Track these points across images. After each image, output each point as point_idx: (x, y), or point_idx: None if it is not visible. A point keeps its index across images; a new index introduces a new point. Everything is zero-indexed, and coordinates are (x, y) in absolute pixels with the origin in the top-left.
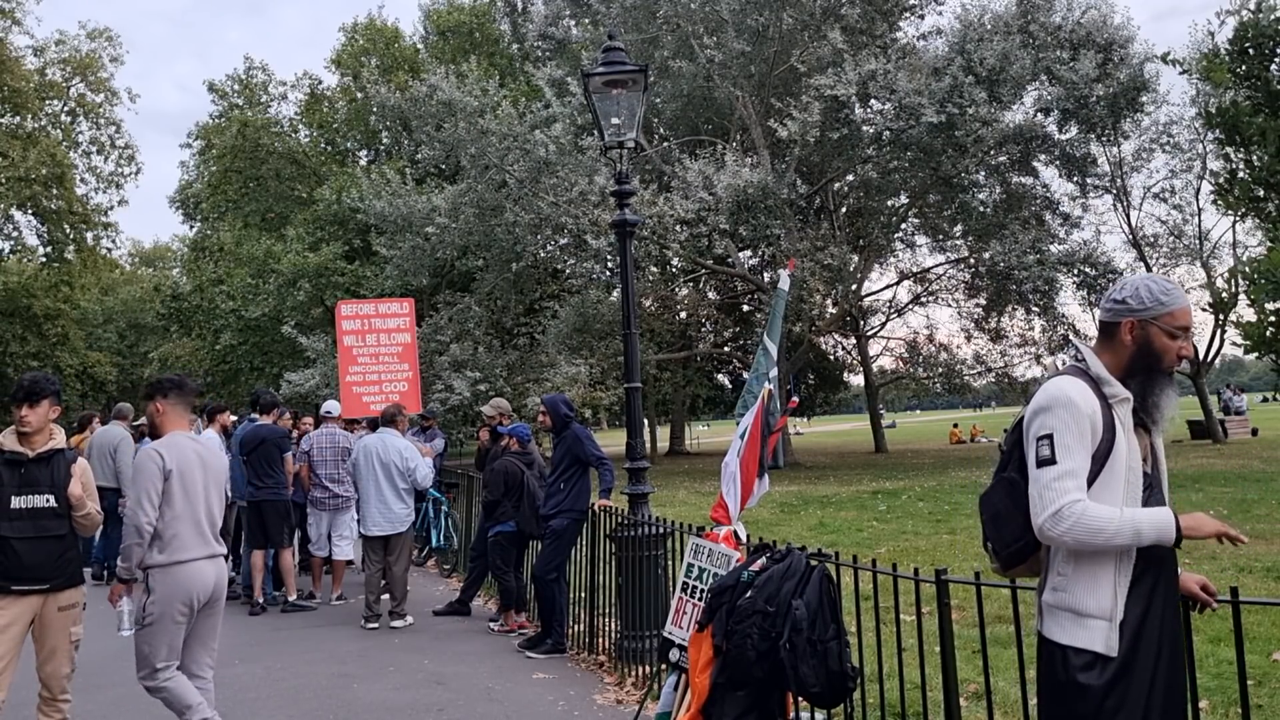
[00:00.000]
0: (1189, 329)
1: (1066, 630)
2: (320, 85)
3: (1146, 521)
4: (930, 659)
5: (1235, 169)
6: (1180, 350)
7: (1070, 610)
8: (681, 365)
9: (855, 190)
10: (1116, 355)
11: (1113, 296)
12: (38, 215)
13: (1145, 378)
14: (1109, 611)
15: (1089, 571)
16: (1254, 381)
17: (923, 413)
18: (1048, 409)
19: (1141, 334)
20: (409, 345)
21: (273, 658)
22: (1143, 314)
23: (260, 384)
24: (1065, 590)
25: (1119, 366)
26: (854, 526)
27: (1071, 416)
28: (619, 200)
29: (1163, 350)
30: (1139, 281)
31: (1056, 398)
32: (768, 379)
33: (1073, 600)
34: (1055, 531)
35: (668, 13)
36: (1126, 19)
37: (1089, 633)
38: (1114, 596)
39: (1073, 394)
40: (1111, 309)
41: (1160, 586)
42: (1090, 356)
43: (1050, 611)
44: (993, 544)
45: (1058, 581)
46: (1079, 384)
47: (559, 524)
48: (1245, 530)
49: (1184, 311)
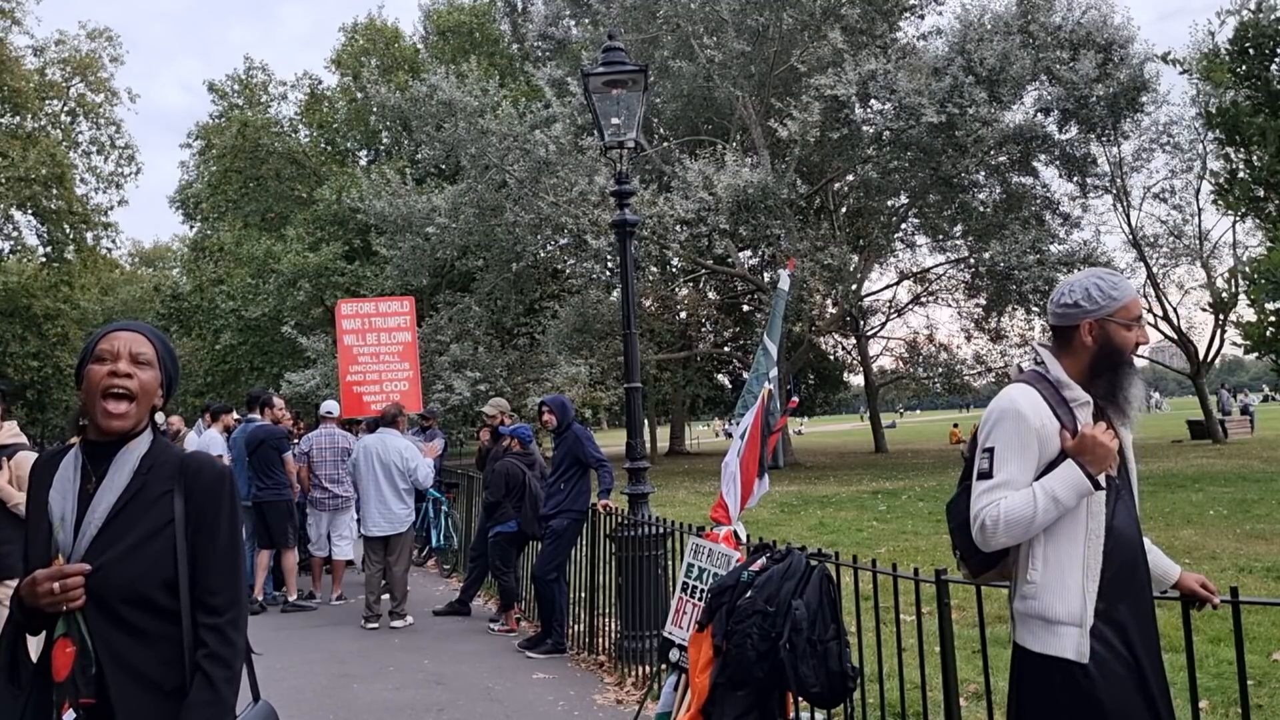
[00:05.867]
0: (1141, 317)
1: (1038, 638)
2: (320, 85)
3: (1058, 483)
4: (930, 659)
5: (1235, 169)
6: (1137, 339)
7: (1040, 617)
8: (681, 365)
9: (855, 190)
10: (1077, 358)
11: (1062, 300)
12: (38, 215)
13: (1113, 373)
14: (1079, 617)
15: (1057, 577)
16: (1254, 381)
17: (922, 413)
18: (995, 421)
19: (1101, 332)
20: (409, 344)
21: (273, 658)
22: (1098, 313)
23: (260, 384)
24: (1034, 597)
25: (1081, 368)
26: (854, 526)
27: (1015, 429)
28: (619, 200)
29: (1123, 344)
30: (1086, 282)
31: (1005, 410)
32: (768, 379)
33: (1042, 607)
34: (990, 541)
35: (668, 13)
36: (1126, 19)
37: (1059, 640)
38: (1083, 602)
39: (1021, 405)
40: (1064, 313)
41: (1132, 589)
42: (1050, 360)
43: (1022, 619)
44: (961, 551)
45: (1026, 589)
46: (1030, 393)
47: (559, 524)
48: (1245, 530)
49: (1135, 302)
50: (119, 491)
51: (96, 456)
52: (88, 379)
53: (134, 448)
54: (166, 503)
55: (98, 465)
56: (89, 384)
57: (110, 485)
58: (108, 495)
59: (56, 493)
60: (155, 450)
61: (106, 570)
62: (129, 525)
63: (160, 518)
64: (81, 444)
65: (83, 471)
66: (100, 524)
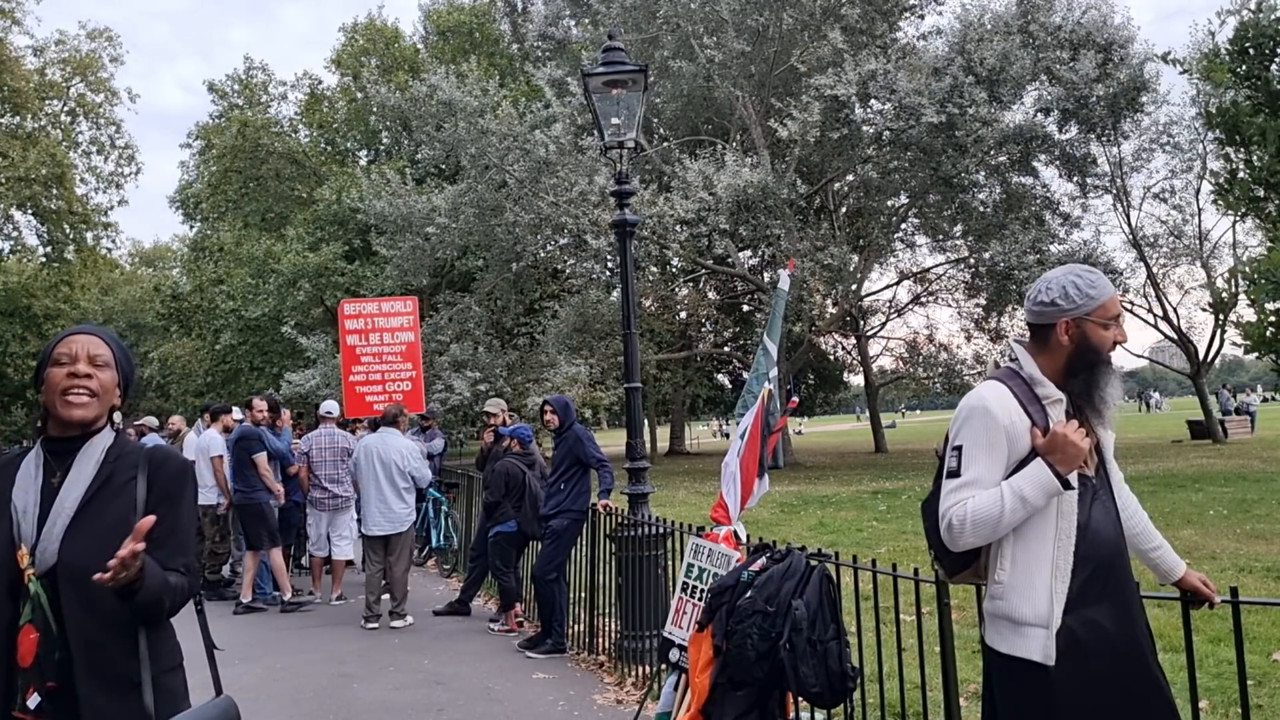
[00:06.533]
0: (1120, 316)
1: (1006, 639)
2: (320, 85)
3: (1026, 482)
4: (930, 659)
5: (1235, 169)
6: (1115, 337)
7: (1007, 618)
8: (681, 365)
9: (855, 190)
10: (1053, 356)
11: (1039, 298)
12: (38, 215)
13: (1089, 373)
14: (1045, 619)
15: (1024, 578)
16: (1253, 381)
17: (922, 413)
18: (964, 419)
19: (1078, 331)
20: (412, 344)
21: (273, 658)
22: (1075, 312)
23: (260, 384)
24: (1002, 598)
25: (1057, 367)
26: (854, 526)
27: (984, 427)
28: (619, 200)
29: (1100, 343)
30: (1064, 279)
31: (974, 407)
32: (768, 379)
33: (1009, 608)
34: (957, 541)
35: (668, 13)
36: (1126, 19)
37: (1026, 641)
38: (1050, 603)
39: (990, 403)
40: (1041, 311)
41: (1112, 589)
42: (1025, 357)
43: (990, 620)
44: (935, 551)
45: (995, 589)
46: (1000, 390)
47: (559, 524)
48: (1245, 530)
49: (1113, 300)
50: (87, 483)
51: (59, 453)
52: (48, 381)
53: (97, 441)
54: (132, 489)
55: (61, 461)
56: (49, 386)
57: (77, 477)
58: (75, 487)
59: (19, 489)
60: (119, 443)
61: (81, 558)
62: (100, 513)
63: (129, 504)
64: (42, 442)
65: (45, 467)
66: (71, 514)
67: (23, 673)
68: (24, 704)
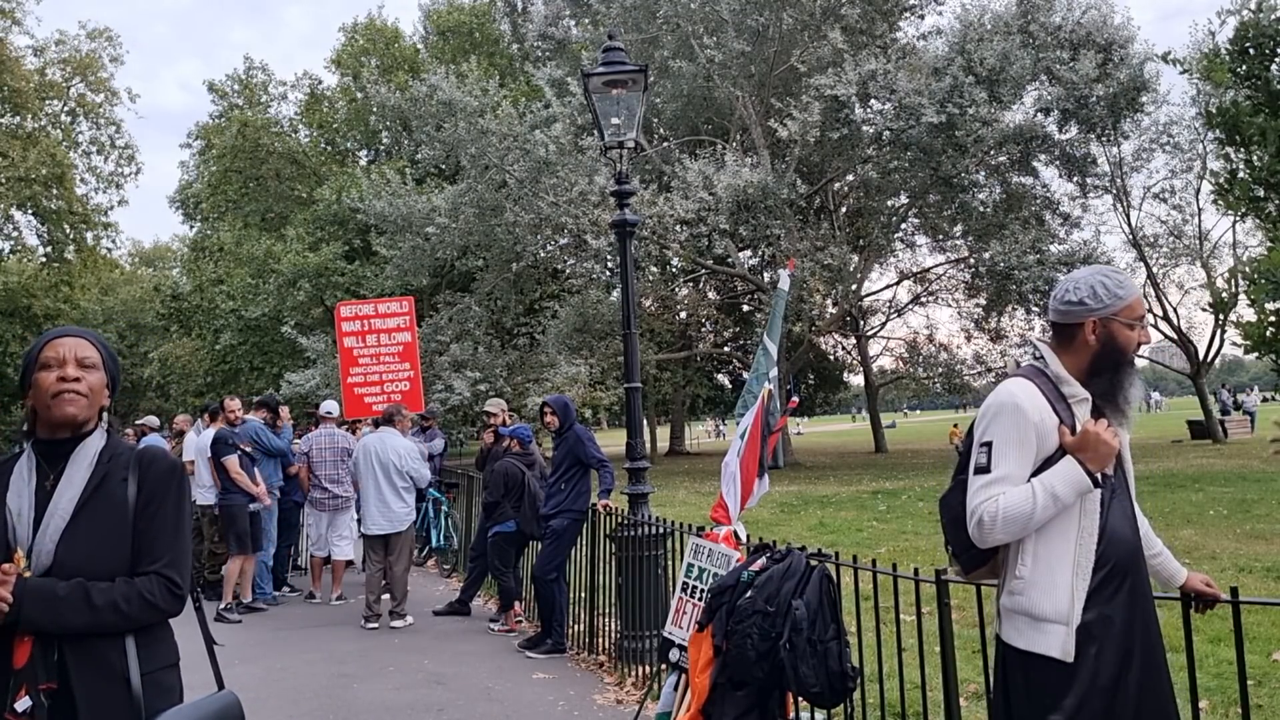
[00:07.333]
0: (1144, 316)
1: (1024, 635)
2: (320, 85)
3: (1058, 479)
4: (930, 659)
5: (1235, 169)
6: (1140, 338)
7: (1026, 614)
8: (681, 365)
9: (855, 190)
10: (1078, 356)
11: (1066, 298)
12: (38, 215)
13: (1114, 373)
14: (1065, 615)
15: (1046, 574)
16: (1253, 381)
17: (923, 413)
18: (993, 415)
19: (1104, 331)
20: (410, 344)
21: (273, 658)
22: (1102, 311)
23: (260, 384)
24: (1022, 594)
25: (1082, 366)
26: (854, 526)
27: (1014, 423)
28: (619, 200)
29: (1126, 343)
30: (1092, 279)
31: (1004, 403)
32: (768, 379)
33: (1029, 604)
34: (986, 537)
35: (668, 13)
36: (1126, 19)
37: (1045, 638)
38: (1071, 600)
39: (1020, 399)
40: (1068, 310)
41: (1128, 589)
42: (1050, 356)
43: (1008, 615)
44: (953, 547)
45: (1015, 585)
46: (1029, 387)
47: (559, 524)
48: (1245, 530)
49: (1139, 300)
50: (82, 485)
51: (51, 456)
52: (36, 385)
53: (90, 443)
54: (124, 490)
55: (53, 464)
56: (39, 390)
57: (71, 480)
58: (70, 489)
59: (13, 493)
60: (111, 444)
61: (77, 560)
62: (96, 514)
63: (121, 505)
64: (34, 445)
65: (38, 470)
66: (68, 516)
67: (15, 674)
68: (12, 706)
